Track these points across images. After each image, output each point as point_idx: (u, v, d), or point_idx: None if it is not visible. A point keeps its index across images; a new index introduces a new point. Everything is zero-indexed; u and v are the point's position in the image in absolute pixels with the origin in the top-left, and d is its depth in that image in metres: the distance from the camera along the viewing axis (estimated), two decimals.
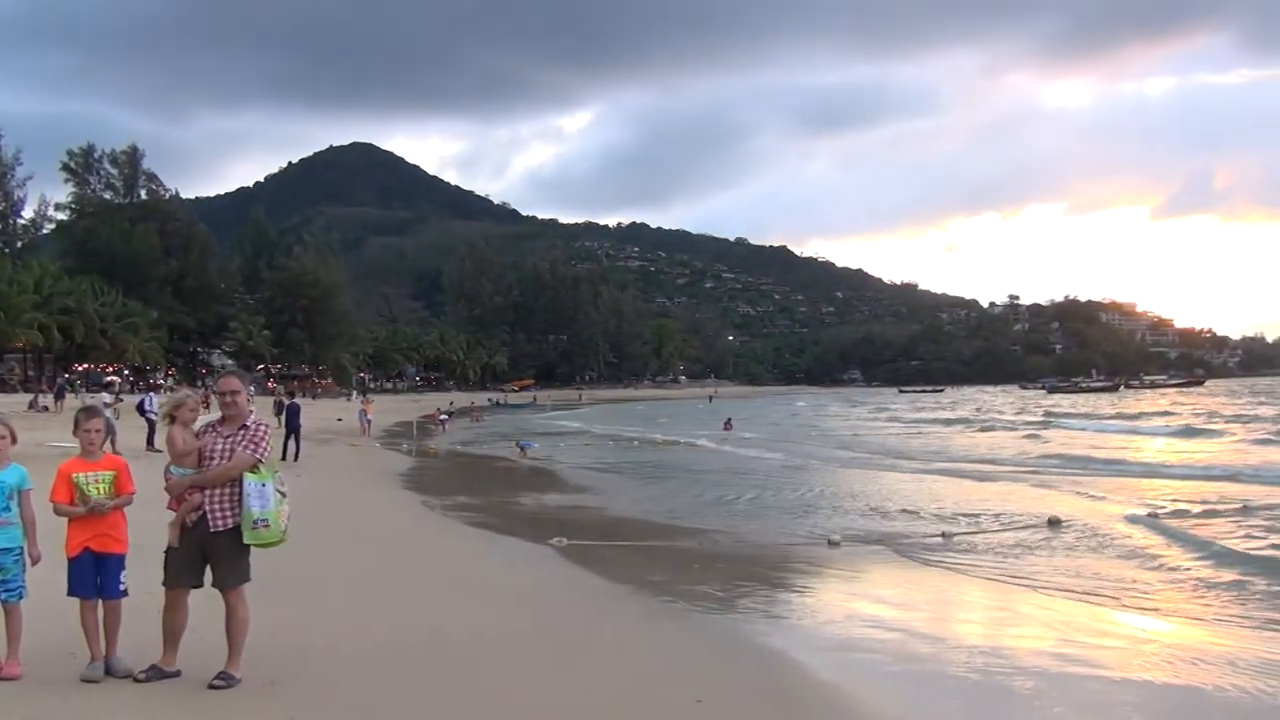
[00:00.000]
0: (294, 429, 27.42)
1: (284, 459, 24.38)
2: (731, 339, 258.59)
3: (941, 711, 6.88)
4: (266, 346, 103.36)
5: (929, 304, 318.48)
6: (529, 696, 6.56)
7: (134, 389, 69.95)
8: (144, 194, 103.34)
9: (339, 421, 48.46)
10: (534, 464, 30.75)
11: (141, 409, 28.27)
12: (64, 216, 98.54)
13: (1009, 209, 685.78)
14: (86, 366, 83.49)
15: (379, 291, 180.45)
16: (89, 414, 6.58)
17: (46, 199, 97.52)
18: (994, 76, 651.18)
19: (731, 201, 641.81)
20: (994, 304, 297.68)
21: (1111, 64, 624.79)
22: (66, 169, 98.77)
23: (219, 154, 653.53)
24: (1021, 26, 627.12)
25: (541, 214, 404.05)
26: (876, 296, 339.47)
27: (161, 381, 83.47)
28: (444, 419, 59.09)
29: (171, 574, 6.28)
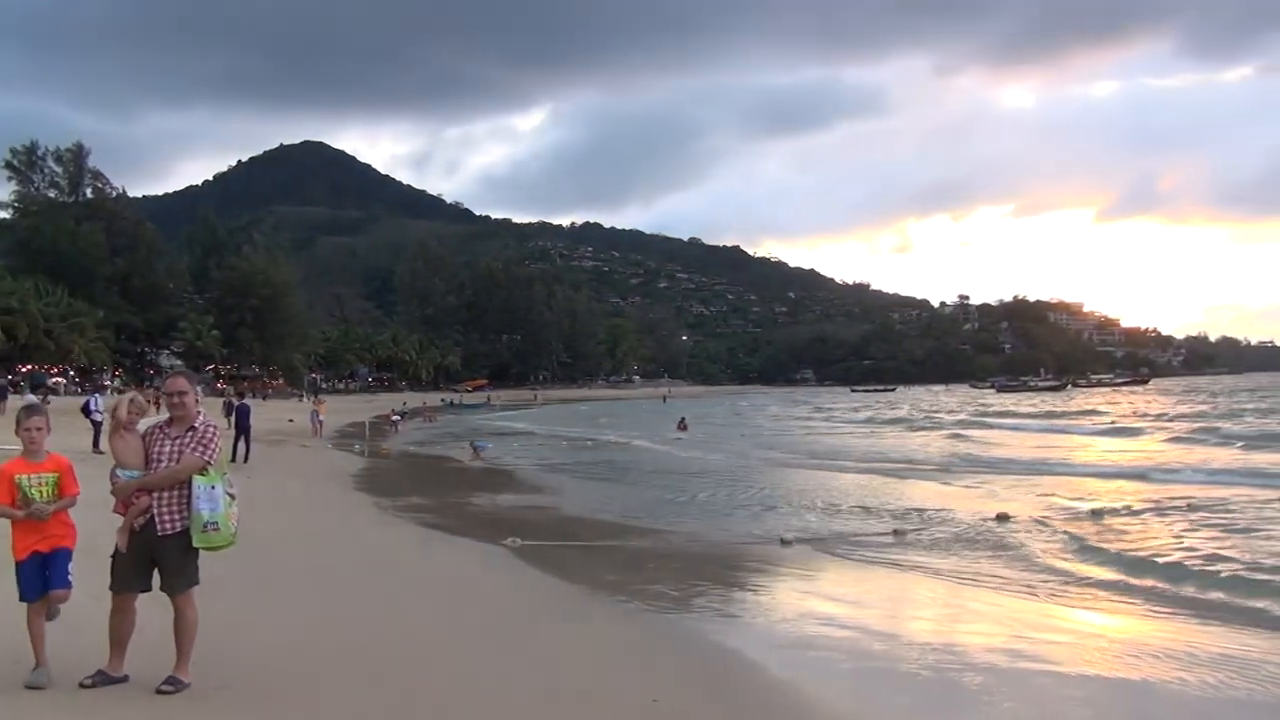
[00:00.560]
0: (244, 430, 27.15)
1: (234, 460, 24.11)
2: (685, 339, 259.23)
3: (894, 708, 6.93)
4: (216, 347, 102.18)
5: (881, 304, 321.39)
6: (482, 697, 6.53)
7: (80, 390, 68.83)
8: (89, 192, 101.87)
9: (290, 422, 47.95)
10: (488, 465, 30.63)
11: (86, 410, 27.90)
12: (6, 215, 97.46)
13: (959, 210, 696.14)
14: (31, 367, 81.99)
15: (330, 291, 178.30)
16: (30, 412, 6.36)
17: None
18: (945, 78, 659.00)
19: (685, 202, 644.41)
20: (944, 304, 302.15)
21: (1058, 67, 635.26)
22: (9, 167, 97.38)
23: (167, 152, 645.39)
24: (971, 29, 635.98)
25: (495, 214, 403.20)
26: (829, 296, 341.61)
27: (108, 383, 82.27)
28: (397, 419, 58.77)
29: (118, 578, 6.16)
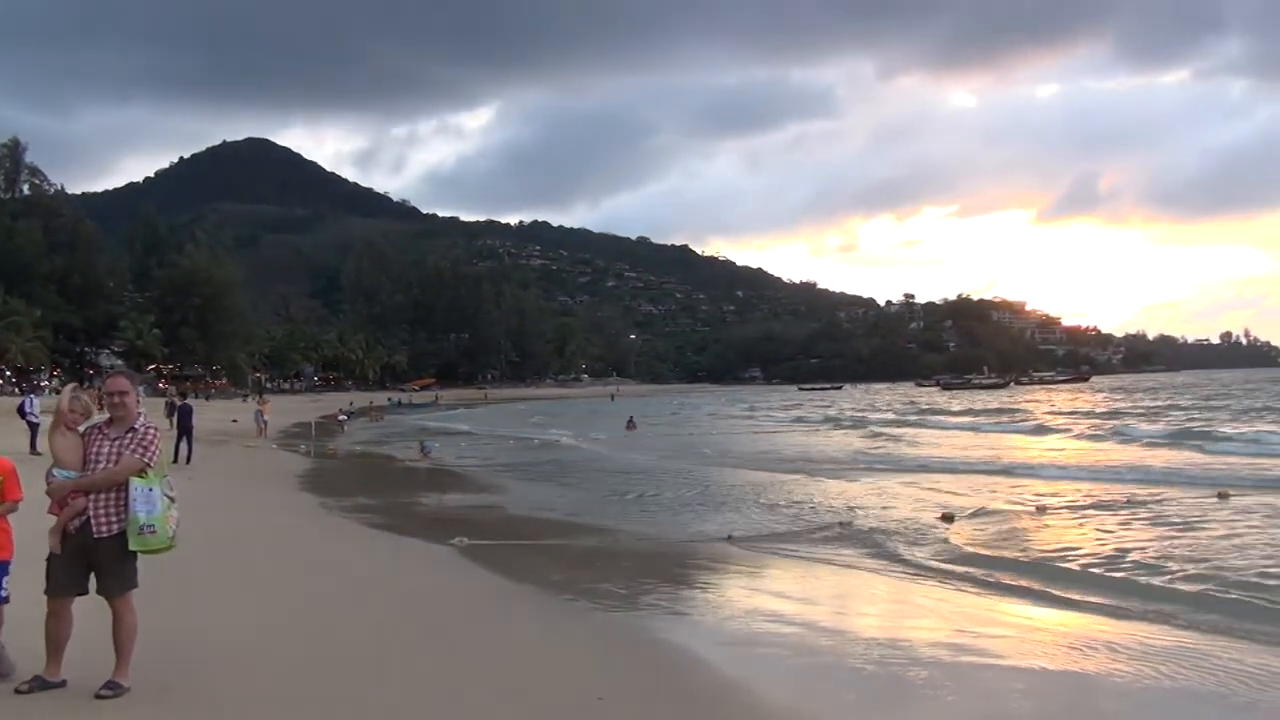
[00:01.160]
0: (186, 430, 26.82)
1: (175, 461, 23.76)
2: (634, 337, 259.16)
3: (840, 703, 7.00)
4: (157, 346, 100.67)
5: (828, 303, 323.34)
6: (427, 697, 6.50)
7: (17, 391, 67.42)
8: (27, 189, 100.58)
9: (234, 423, 47.39)
10: (435, 464, 30.47)
11: (22, 411, 27.35)
12: None
13: (904, 210, 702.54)
14: None
15: (275, 290, 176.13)
16: None
17: None
18: (889, 80, 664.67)
19: (633, 201, 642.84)
20: (890, 303, 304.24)
21: (1001, 70, 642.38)
22: None
23: (107, 148, 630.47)
24: (914, 31, 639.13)
25: (442, 212, 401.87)
26: (776, 295, 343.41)
27: (45, 383, 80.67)
28: (343, 419, 58.30)
29: (54, 582, 6.03)
